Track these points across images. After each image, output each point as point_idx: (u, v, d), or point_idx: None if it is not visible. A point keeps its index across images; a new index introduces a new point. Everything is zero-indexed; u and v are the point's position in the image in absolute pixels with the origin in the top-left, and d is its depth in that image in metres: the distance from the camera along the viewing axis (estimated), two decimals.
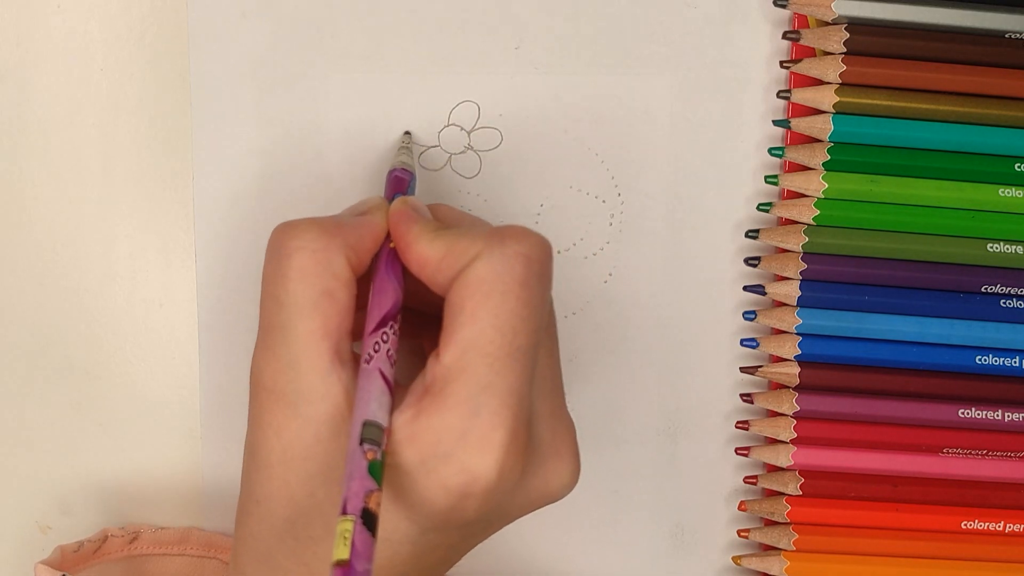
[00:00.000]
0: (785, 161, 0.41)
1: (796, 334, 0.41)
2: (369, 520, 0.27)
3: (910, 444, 0.42)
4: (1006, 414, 0.41)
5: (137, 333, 0.43)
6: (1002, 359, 0.41)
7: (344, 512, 0.27)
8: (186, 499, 0.43)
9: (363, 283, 0.32)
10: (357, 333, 0.32)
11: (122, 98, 0.41)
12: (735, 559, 0.43)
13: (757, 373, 0.42)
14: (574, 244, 0.42)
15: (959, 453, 0.42)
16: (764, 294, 0.42)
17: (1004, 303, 0.41)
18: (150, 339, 0.43)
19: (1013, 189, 0.40)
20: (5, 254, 0.42)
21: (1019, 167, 0.40)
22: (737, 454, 0.43)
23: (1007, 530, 0.42)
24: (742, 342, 0.42)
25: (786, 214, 0.41)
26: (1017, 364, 0.41)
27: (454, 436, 0.30)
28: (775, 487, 0.43)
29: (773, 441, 0.42)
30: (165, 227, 0.42)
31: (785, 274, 0.41)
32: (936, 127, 0.40)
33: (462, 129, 0.41)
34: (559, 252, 0.42)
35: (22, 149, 0.41)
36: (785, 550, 0.42)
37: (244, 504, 0.33)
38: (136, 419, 0.43)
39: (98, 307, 0.42)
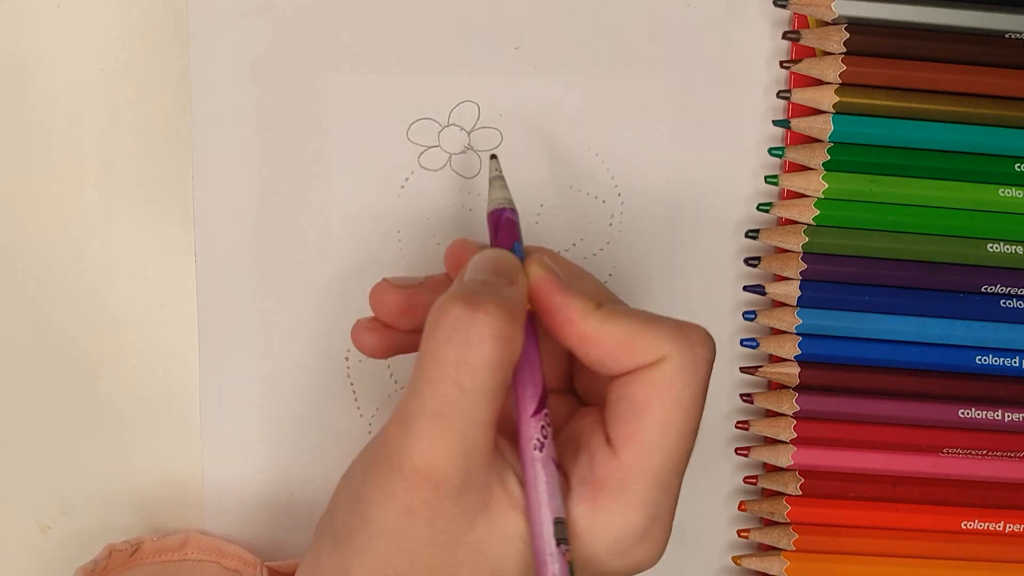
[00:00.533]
0: (785, 161, 0.41)
1: (796, 334, 0.41)
2: None
3: (910, 444, 0.42)
4: (1006, 414, 0.41)
5: (137, 333, 0.43)
6: (1002, 359, 0.41)
7: None
8: (186, 499, 0.43)
9: None
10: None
11: (122, 98, 0.41)
12: (735, 559, 0.43)
13: (757, 373, 0.42)
14: (574, 244, 0.42)
15: (959, 453, 0.42)
16: (764, 294, 0.42)
17: (1004, 303, 0.41)
18: (150, 339, 0.43)
19: (1013, 189, 0.40)
20: (5, 254, 0.42)
21: (1019, 167, 0.40)
22: (737, 454, 0.43)
23: (1007, 530, 0.42)
24: (742, 342, 0.42)
25: (786, 214, 0.41)
26: (1017, 364, 0.41)
27: (636, 536, 0.30)
28: (775, 487, 0.43)
29: (773, 441, 0.42)
30: (165, 227, 0.42)
31: (785, 274, 0.41)
32: (936, 127, 0.40)
33: (462, 129, 0.41)
34: (559, 252, 0.42)
35: (22, 149, 0.41)
36: (785, 550, 0.42)
37: (339, 544, 0.32)
38: (136, 419, 0.43)
39: (98, 307, 0.42)
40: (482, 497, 0.30)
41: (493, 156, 0.37)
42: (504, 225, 0.33)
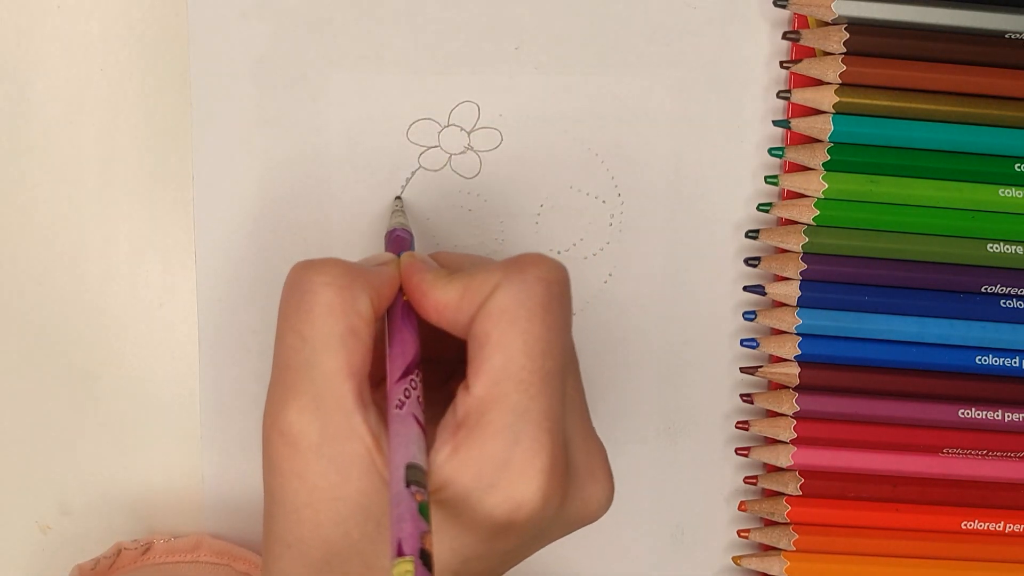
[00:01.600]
0: (785, 161, 0.41)
1: (796, 334, 0.41)
2: (427, 560, 0.27)
3: (910, 444, 0.42)
4: (1006, 414, 0.41)
5: (137, 333, 0.43)
6: (1002, 359, 0.41)
7: (401, 554, 0.27)
8: (186, 499, 0.43)
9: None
10: (373, 379, 0.32)
11: (122, 98, 0.41)
12: (735, 559, 0.43)
13: (757, 373, 0.42)
14: (574, 244, 0.42)
15: (959, 453, 0.42)
16: (764, 294, 0.42)
17: (1004, 303, 0.41)
18: (150, 339, 0.43)
19: (1013, 189, 0.40)
20: (5, 254, 0.42)
21: (1019, 167, 0.40)
22: (737, 454, 0.43)
23: (1007, 530, 0.42)
24: (742, 342, 0.42)
25: (786, 214, 0.41)
26: (1017, 364, 0.41)
27: (496, 465, 0.30)
28: (775, 487, 0.43)
29: (773, 441, 0.42)
30: (165, 227, 0.42)
31: (785, 274, 0.41)
32: (936, 127, 0.40)
33: (462, 129, 0.41)
34: (559, 252, 0.42)
35: (22, 149, 0.41)
36: (785, 550, 0.42)
37: (272, 548, 0.32)
38: (136, 419, 0.43)
39: (98, 307, 0.42)
40: (353, 449, 0.30)
41: (397, 198, 0.41)
42: (392, 241, 0.37)
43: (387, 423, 0.30)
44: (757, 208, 0.42)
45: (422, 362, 0.32)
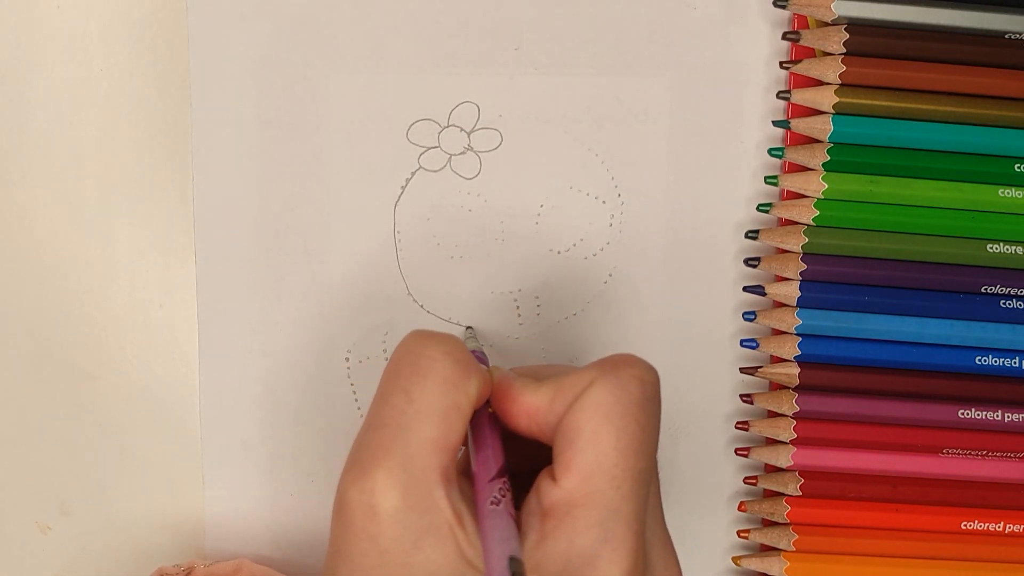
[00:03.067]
0: (785, 162, 0.41)
1: (796, 334, 0.41)
2: None
3: (910, 444, 0.42)
4: (1006, 414, 0.41)
5: (137, 333, 0.43)
6: (1002, 359, 0.41)
7: None
8: (186, 499, 0.43)
9: None
10: (459, 468, 0.32)
11: (122, 98, 0.41)
12: (735, 559, 0.43)
13: (757, 374, 0.42)
14: (574, 244, 0.42)
15: (959, 453, 0.42)
16: (764, 295, 0.42)
17: (1004, 303, 0.41)
18: (150, 339, 0.43)
19: (1013, 189, 0.40)
20: (5, 254, 0.42)
21: (1019, 167, 0.40)
22: (737, 455, 0.43)
23: (1007, 530, 0.42)
24: (742, 343, 0.42)
25: (786, 215, 0.41)
26: (1017, 364, 0.41)
27: (583, 560, 0.29)
28: (775, 487, 0.43)
29: (773, 442, 0.42)
30: (165, 227, 0.42)
31: (785, 275, 0.41)
32: (936, 127, 0.40)
33: (462, 129, 0.41)
34: (559, 253, 0.42)
35: (22, 149, 0.41)
36: (785, 550, 0.42)
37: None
38: (136, 419, 0.43)
39: (98, 307, 0.42)
40: (429, 520, 0.30)
41: (469, 327, 0.42)
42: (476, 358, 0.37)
43: (472, 507, 0.30)
44: (757, 208, 0.42)
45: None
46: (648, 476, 0.31)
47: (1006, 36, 0.40)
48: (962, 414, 0.41)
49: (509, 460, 0.33)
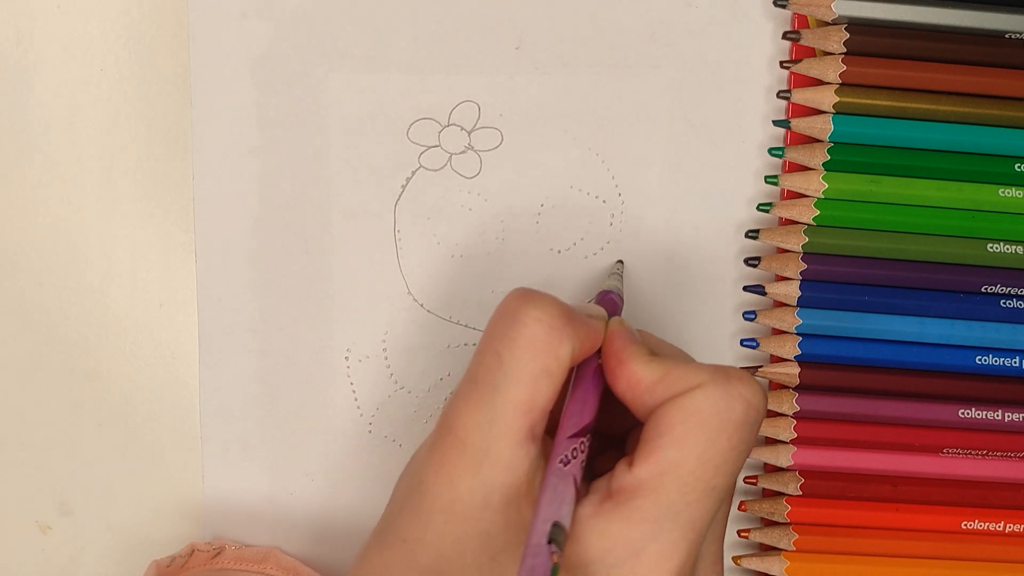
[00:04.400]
0: (785, 161, 0.41)
1: (796, 334, 0.41)
2: None
3: (910, 444, 0.42)
4: (1006, 414, 0.41)
5: (137, 333, 0.43)
6: (1002, 359, 0.41)
7: None
8: (186, 498, 0.43)
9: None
10: (550, 424, 0.32)
11: (122, 98, 0.41)
12: (735, 559, 0.43)
13: (757, 373, 0.42)
14: (574, 244, 0.42)
15: (959, 453, 0.42)
16: (764, 294, 0.42)
17: (1004, 303, 0.41)
18: (150, 339, 0.43)
19: (1013, 189, 0.40)
20: (6, 254, 0.42)
21: (1019, 167, 0.40)
22: None
23: (1007, 530, 0.42)
24: (742, 342, 0.42)
25: (786, 214, 0.41)
26: (1017, 364, 0.41)
27: (628, 551, 0.30)
28: (775, 487, 0.43)
29: (773, 441, 0.42)
30: (165, 227, 0.42)
31: (785, 274, 0.41)
32: (936, 127, 0.40)
33: (462, 129, 0.41)
34: (559, 252, 0.42)
35: (22, 150, 0.41)
36: (785, 550, 0.42)
37: (385, 537, 0.32)
38: (136, 419, 0.43)
39: (98, 307, 0.42)
40: (503, 478, 0.30)
41: (619, 261, 0.42)
42: (605, 303, 0.37)
43: (546, 470, 0.31)
44: (757, 208, 0.42)
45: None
46: (722, 495, 0.31)
47: (1006, 36, 0.40)
48: (962, 414, 0.41)
49: (607, 420, 0.34)
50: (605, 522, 0.30)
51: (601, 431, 0.35)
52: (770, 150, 0.41)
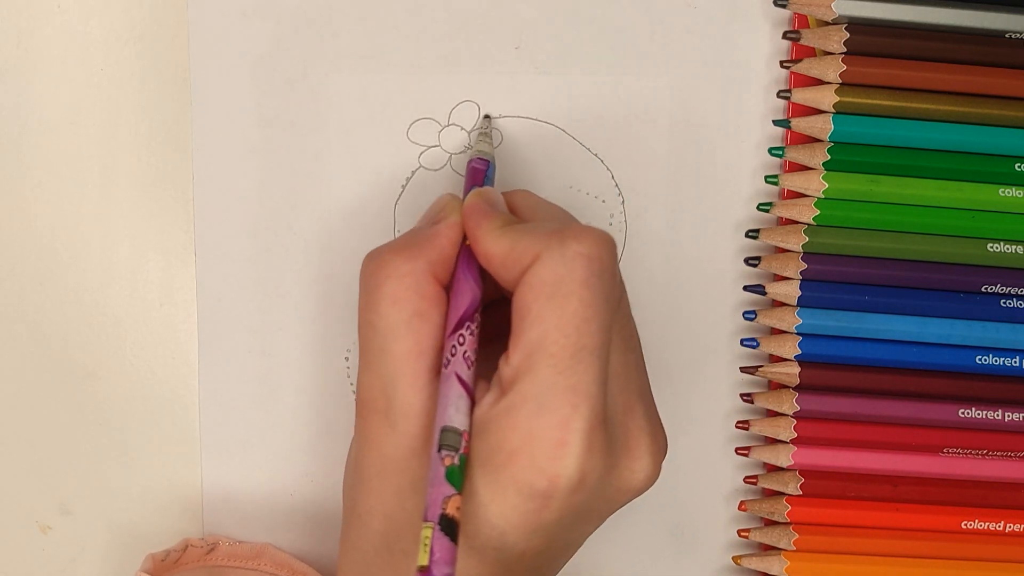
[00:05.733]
0: (785, 161, 0.41)
1: (796, 334, 0.41)
2: (447, 526, 0.27)
3: (910, 444, 0.42)
4: (1006, 414, 0.41)
5: (137, 333, 0.43)
6: (1002, 359, 0.41)
7: (425, 519, 0.27)
8: (185, 498, 0.43)
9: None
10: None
11: (122, 98, 0.41)
12: (735, 559, 0.43)
13: (757, 373, 0.42)
14: None
15: (959, 453, 0.42)
16: (764, 294, 0.42)
17: (1004, 303, 0.41)
18: (150, 339, 0.43)
19: (1013, 189, 0.40)
20: (5, 254, 0.42)
21: (1019, 167, 0.40)
22: (737, 454, 0.43)
23: (1007, 530, 0.42)
24: (742, 342, 0.42)
25: (786, 214, 0.41)
26: (1017, 364, 0.41)
27: (520, 435, 0.30)
28: (775, 487, 0.43)
29: (773, 441, 0.42)
30: (165, 227, 0.42)
31: (785, 274, 0.41)
32: (936, 127, 0.40)
33: (462, 129, 0.41)
34: None
35: (22, 149, 0.41)
36: (785, 550, 0.42)
37: (347, 518, 0.34)
38: (136, 419, 0.43)
39: (98, 307, 0.42)
40: (419, 422, 0.31)
41: (487, 116, 0.40)
42: (468, 173, 0.37)
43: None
44: (757, 208, 0.42)
45: (497, 301, 0.34)
46: (599, 350, 0.31)
47: (1006, 36, 0.40)
48: (962, 414, 0.41)
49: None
50: (495, 417, 0.30)
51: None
52: (770, 150, 0.41)
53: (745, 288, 0.42)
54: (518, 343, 0.31)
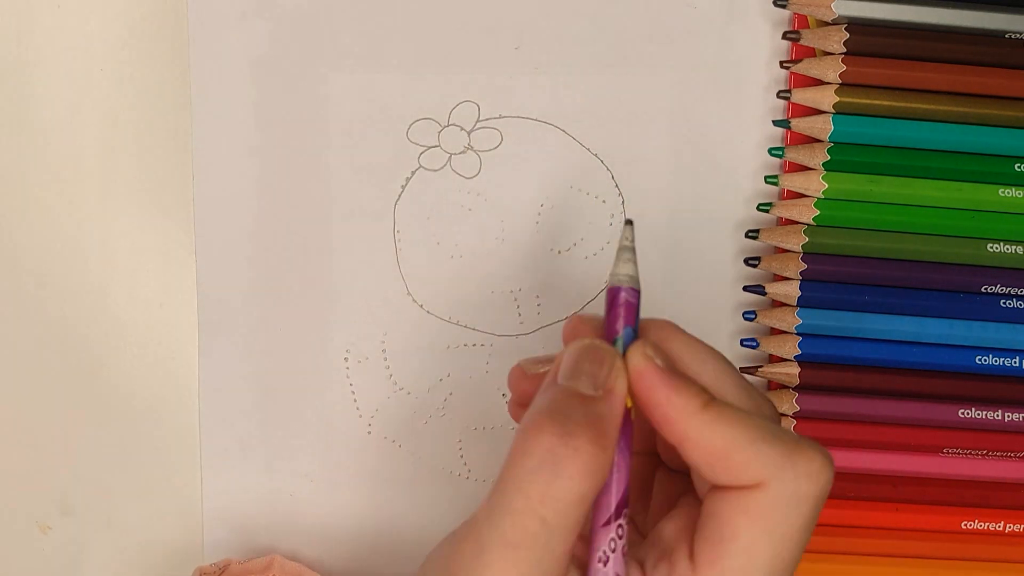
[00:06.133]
0: (785, 161, 0.41)
1: (796, 334, 0.41)
2: None
3: (910, 444, 0.42)
4: (1006, 414, 0.41)
5: (137, 333, 0.43)
6: (1002, 359, 0.41)
7: None
8: (185, 498, 0.43)
9: None
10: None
11: (122, 98, 0.41)
12: None
13: (757, 373, 0.42)
14: (574, 244, 0.42)
15: (959, 453, 0.42)
16: (764, 294, 0.42)
17: (1004, 303, 0.41)
18: (150, 339, 0.43)
19: (1013, 189, 0.40)
20: (5, 254, 0.42)
21: (1019, 167, 0.40)
22: None
23: (1007, 530, 0.42)
24: (742, 342, 0.42)
25: (786, 214, 0.41)
26: (1017, 364, 0.41)
27: None
28: None
29: None
30: (165, 227, 0.42)
31: (785, 274, 0.41)
32: (936, 127, 0.40)
33: (462, 129, 0.41)
34: (559, 252, 0.42)
35: (22, 149, 0.41)
36: None
37: None
38: (136, 419, 0.43)
39: (98, 307, 0.42)
40: None
41: (629, 222, 0.32)
42: (619, 305, 0.31)
43: (588, 559, 0.29)
44: (757, 208, 0.42)
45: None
46: (791, 573, 0.30)
47: (1006, 36, 0.40)
48: (962, 414, 0.41)
49: (641, 441, 0.31)
50: None
51: (644, 453, 0.33)
52: (770, 150, 0.41)
53: (745, 288, 0.42)
54: (716, 565, 0.28)
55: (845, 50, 0.39)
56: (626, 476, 0.29)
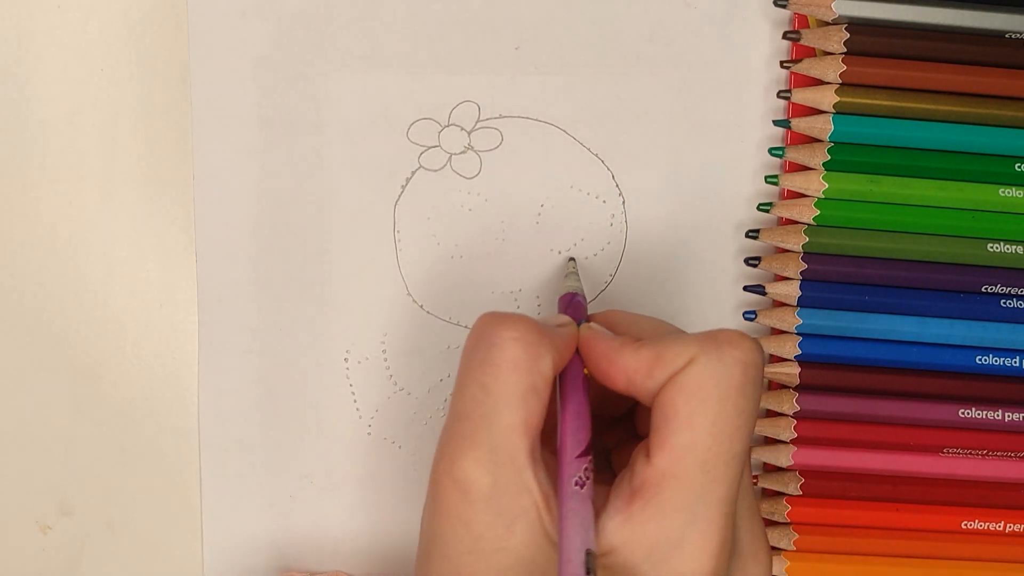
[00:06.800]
0: (785, 161, 0.41)
1: (796, 334, 0.41)
2: None
3: (910, 444, 0.42)
4: (1006, 414, 0.41)
5: (137, 333, 0.43)
6: (1002, 359, 0.41)
7: None
8: (184, 498, 0.43)
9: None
10: (544, 438, 0.32)
11: (122, 98, 0.41)
12: None
13: None
14: (574, 245, 0.42)
15: (959, 453, 0.42)
16: (764, 294, 0.42)
17: (1004, 303, 0.41)
18: (150, 339, 0.43)
19: (1013, 189, 0.40)
20: (6, 254, 0.42)
21: (1019, 167, 0.40)
22: None
23: (1007, 530, 0.42)
24: None
25: (786, 214, 0.41)
26: (1017, 364, 0.41)
27: (671, 543, 0.30)
28: (775, 487, 0.43)
29: (773, 441, 0.42)
30: (165, 227, 0.42)
31: (785, 274, 0.41)
32: (936, 127, 0.40)
33: (462, 129, 0.41)
34: (559, 252, 0.42)
35: (22, 149, 0.41)
36: (785, 550, 0.42)
37: None
38: (136, 419, 0.43)
39: (98, 307, 0.42)
40: (521, 504, 0.30)
41: (572, 259, 0.41)
42: (572, 307, 0.37)
43: (556, 487, 0.31)
44: (757, 208, 0.42)
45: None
46: (741, 459, 0.31)
47: (1006, 36, 0.40)
48: (962, 414, 0.41)
49: (607, 406, 0.33)
50: (641, 523, 0.30)
51: (600, 417, 0.35)
52: (770, 150, 0.41)
53: (745, 288, 0.42)
54: (665, 445, 0.30)
55: (845, 50, 0.39)
56: (589, 420, 0.32)
